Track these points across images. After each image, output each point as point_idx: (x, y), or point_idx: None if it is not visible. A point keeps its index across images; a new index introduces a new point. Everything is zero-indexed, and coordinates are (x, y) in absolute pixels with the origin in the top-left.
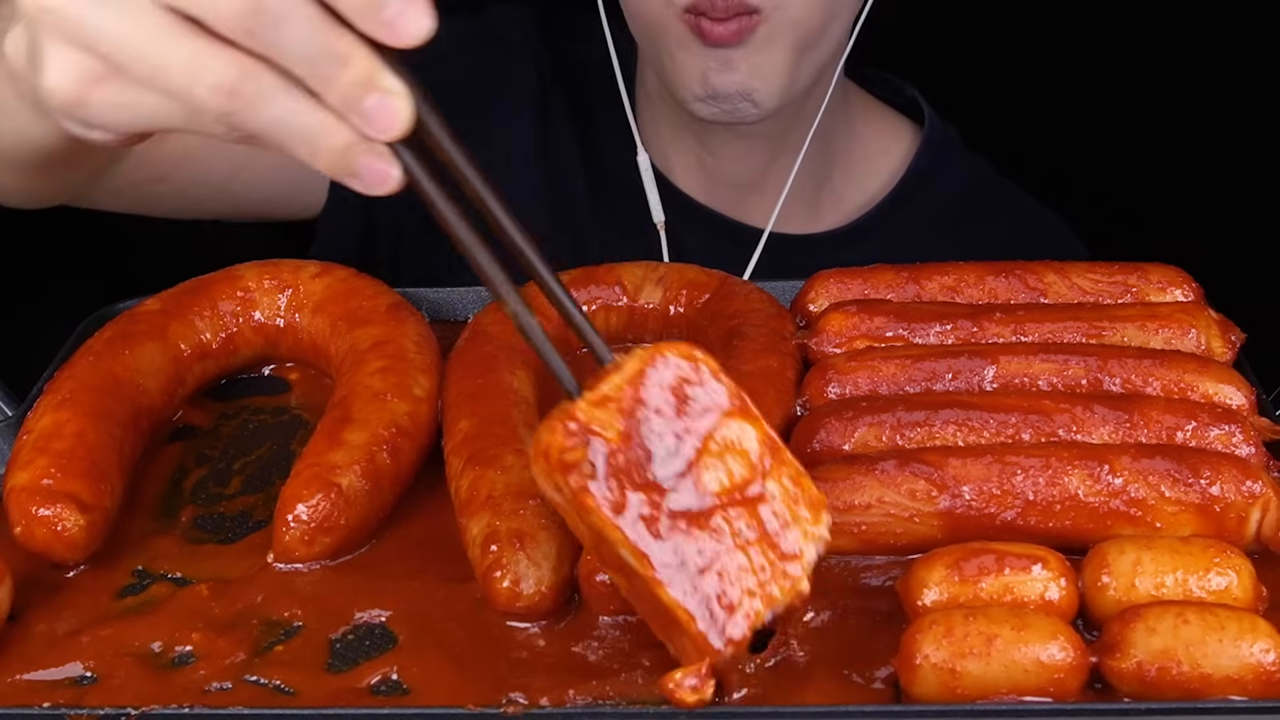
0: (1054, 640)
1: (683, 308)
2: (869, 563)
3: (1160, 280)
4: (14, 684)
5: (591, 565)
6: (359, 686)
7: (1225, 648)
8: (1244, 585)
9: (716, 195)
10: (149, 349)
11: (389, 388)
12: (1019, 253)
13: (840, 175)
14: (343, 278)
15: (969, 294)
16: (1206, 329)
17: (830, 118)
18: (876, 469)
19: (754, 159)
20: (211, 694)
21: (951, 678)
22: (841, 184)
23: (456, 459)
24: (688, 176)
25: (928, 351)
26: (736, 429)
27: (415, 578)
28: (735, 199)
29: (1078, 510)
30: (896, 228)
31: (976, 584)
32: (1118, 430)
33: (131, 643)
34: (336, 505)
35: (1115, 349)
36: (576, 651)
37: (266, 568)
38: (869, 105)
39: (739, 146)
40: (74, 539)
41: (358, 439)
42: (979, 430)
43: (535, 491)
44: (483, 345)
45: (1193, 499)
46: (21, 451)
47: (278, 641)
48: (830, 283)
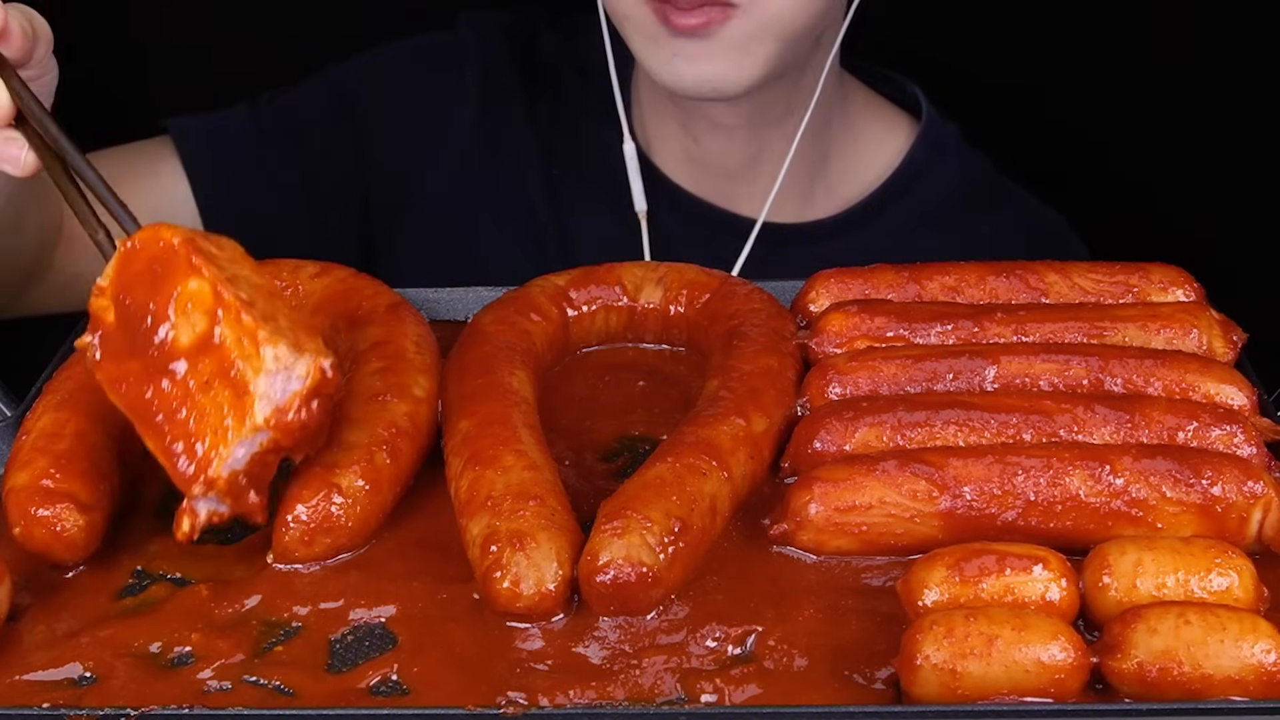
0: (1055, 641)
1: (683, 308)
2: (869, 563)
3: (1162, 280)
4: (13, 684)
5: (591, 565)
6: (359, 687)
7: (1226, 648)
8: (1245, 586)
9: (706, 185)
10: None
11: (388, 388)
12: (1015, 249)
13: (835, 166)
14: (342, 278)
15: (970, 294)
16: (1208, 329)
17: (825, 110)
18: (877, 469)
19: (740, 148)
20: (211, 694)
21: (952, 678)
22: (836, 175)
23: (456, 459)
24: (677, 166)
25: (928, 351)
26: (195, 287)
27: (415, 578)
28: (725, 189)
29: (1079, 511)
30: (889, 220)
31: (977, 584)
32: (1119, 430)
33: (131, 643)
34: (336, 506)
35: (1116, 349)
36: (576, 651)
37: (266, 568)
38: (868, 99)
39: (723, 135)
40: (73, 539)
41: (358, 439)
42: (980, 430)
43: (535, 492)
44: (482, 345)
45: (1194, 499)
46: (21, 452)
47: (277, 642)
48: (831, 283)
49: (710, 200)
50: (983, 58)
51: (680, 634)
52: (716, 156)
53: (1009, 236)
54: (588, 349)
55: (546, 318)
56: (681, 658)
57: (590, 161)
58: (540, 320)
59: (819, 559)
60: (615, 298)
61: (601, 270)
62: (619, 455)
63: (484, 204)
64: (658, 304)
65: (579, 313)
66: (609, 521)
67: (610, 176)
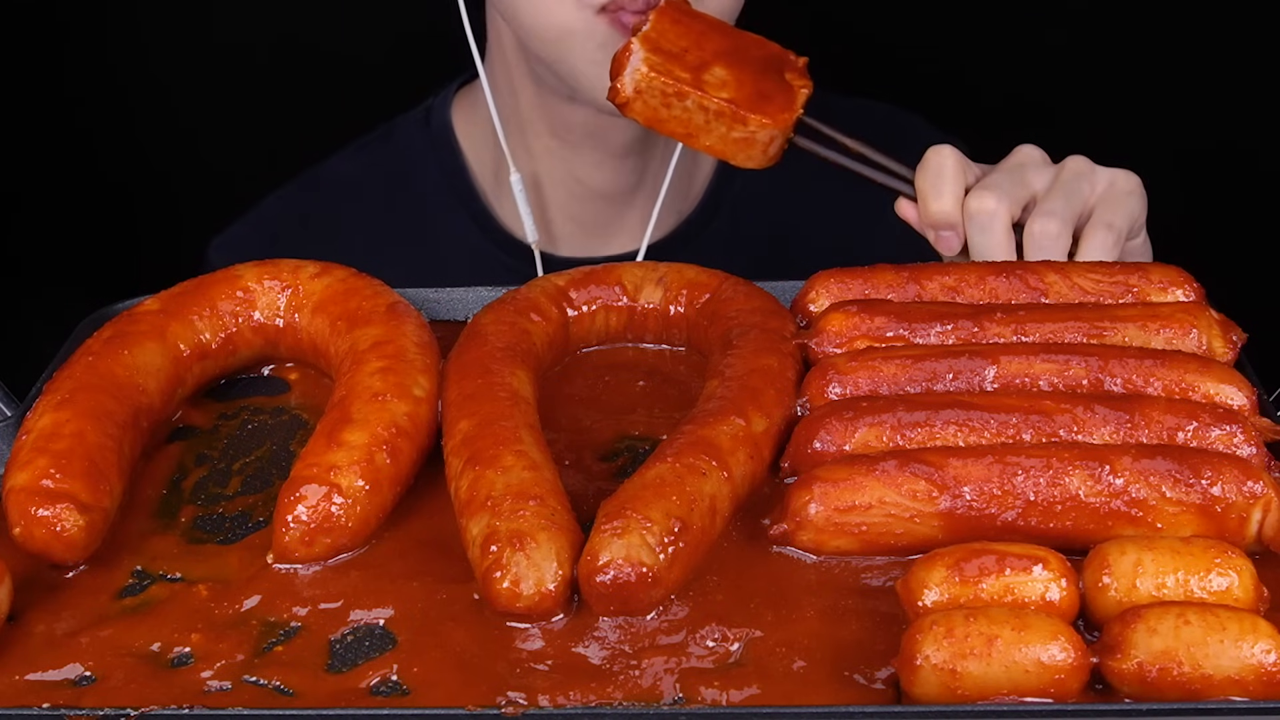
0: (1055, 641)
1: (683, 308)
2: (869, 563)
3: (1161, 280)
4: (13, 684)
5: (591, 565)
6: (359, 687)
7: (1226, 649)
8: (1245, 586)
9: (587, 210)
10: (148, 349)
11: (388, 388)
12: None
13: (701, 174)
14: (342, 278)
15: (970, 294)
16: (1208, 329)
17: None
18: (877, 469)
19: (625, 177)
20: (211, 695)
21: (952, 678)
22: (707, 164)
23: (456, 459)
24: (558, 192)
25: (928, 351)
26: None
27: (415, 578)
28: (606, 213)
29: (1079, 511)
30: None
31: (977, 585)
32: (1119, 431)
33: (131, 643)
34: (336, 506)
35: (1116, 349)
36: (576, 651)
37: (266, 568)
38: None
39: (611, 164)
40: (73, 539)
41: (357, 439)
42: (980, 430)
43: (535, 492)
44: (482, 345)
45: (1194, 499)
46: (21, 452)
47: (277, 642)
48: (831, 282)
49: (590, 224)
50: (983, 57)
51: (680, 634)
52: (601, 185)
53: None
54: (588, 349)
55: (546, 318)
56: (681, 658)
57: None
58: (540, 320)
59: (819, 559)
60: (615, 298)
61: (601, 270)
62: (619, 455)
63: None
64: (657, 304)
65: (579, 313)
66: (609, 521)
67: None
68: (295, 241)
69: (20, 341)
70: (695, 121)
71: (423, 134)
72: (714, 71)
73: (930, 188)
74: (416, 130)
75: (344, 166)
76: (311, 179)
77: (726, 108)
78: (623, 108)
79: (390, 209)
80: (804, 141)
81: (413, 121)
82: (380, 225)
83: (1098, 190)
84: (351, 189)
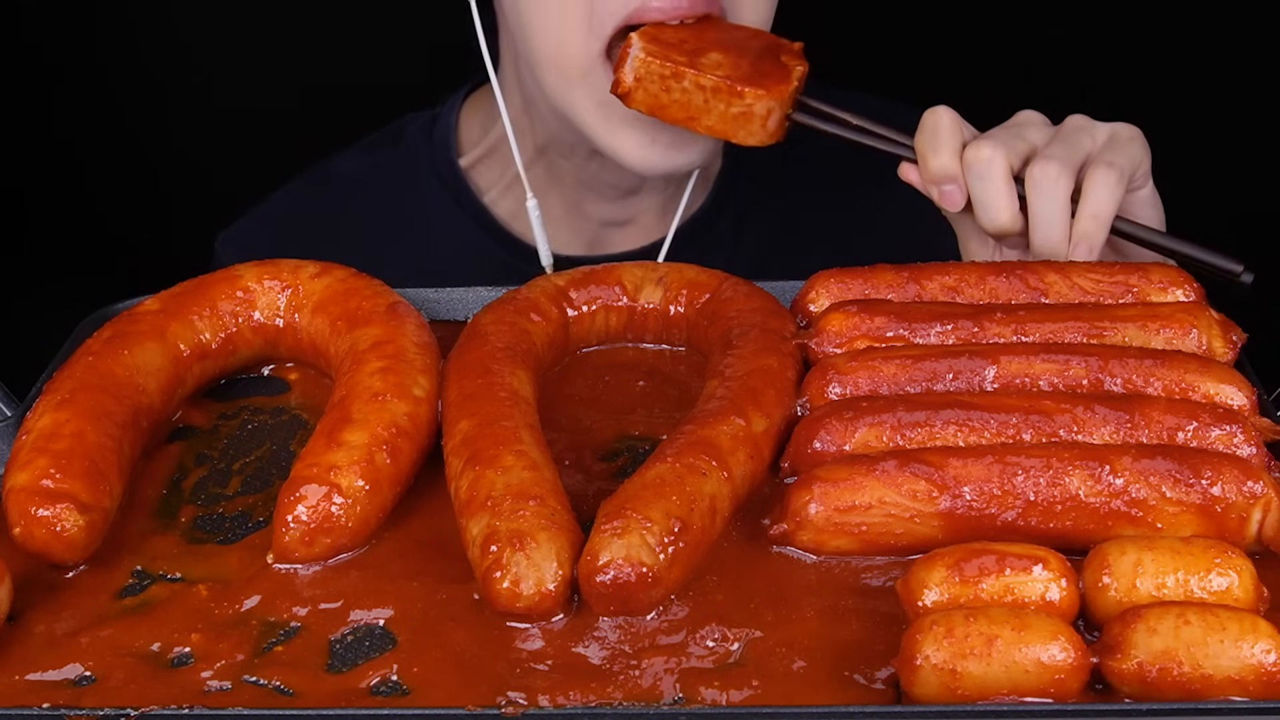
0: (1055, 641)
1: (683, 308)
2: (869, 563)
3: (1161, 280)
4: (13, 684)
5: (591, 565)
6: (359, 687)
7: (1226, 648)
8: (1245, 586)
9: (582, 234)
10: (148, 349)
11: (388, 388)
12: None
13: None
14: (342, 278)
15: (970, 294)
16: (1208, 329)
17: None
18: (877, 469)
19: (623, 212)
20: (211, 695)
21: (952, 678)
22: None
23: (456, 459)
24: (559, 222)
25: (928, 352)
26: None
27: (415, 578)
28: (601, 236)
29: (1079, 511)
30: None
31: (977, 585)
32: (1119, 431)
33: (131, 643)
34: (336, 506)
35: (1116, 349)
36: (576, 651)
37: (266, 568)
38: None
39: (608, 201)
40: (73, 539)
41: (357, 439)
42: (980, 431)
43: (535, 492)
44: (482, 345)
45: (1194, 499)
46: (21, 452)
47: (277, 642)
48: (831, 282)
49: (584, 248)
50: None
51: (680, 634)
52: (605, 215)
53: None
54: (588, 349)
55: (546, 318)
56: (681, 658)
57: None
58: (540, 320)
59: (819, 559)
60: (615, 298)
61: (601, 270)
62: (619, 455)
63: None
64: (657, 304)
65: (579, 313)
66: (609, 521)
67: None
68: (301, 238)
69: (20, 341)
70: (694, 103)
71: (429, 134)
72: (710, 56)
73: (928, 145)
74: (423, 131)
75: (351, 164)
76: (319, 175)
77: (722, 83)
78: (625, 98)
79: (395, 208)
80: (803, 117)
81: (420, 122)
82: (385, 224)
83: (1099, 141)
84: (358, 187)
